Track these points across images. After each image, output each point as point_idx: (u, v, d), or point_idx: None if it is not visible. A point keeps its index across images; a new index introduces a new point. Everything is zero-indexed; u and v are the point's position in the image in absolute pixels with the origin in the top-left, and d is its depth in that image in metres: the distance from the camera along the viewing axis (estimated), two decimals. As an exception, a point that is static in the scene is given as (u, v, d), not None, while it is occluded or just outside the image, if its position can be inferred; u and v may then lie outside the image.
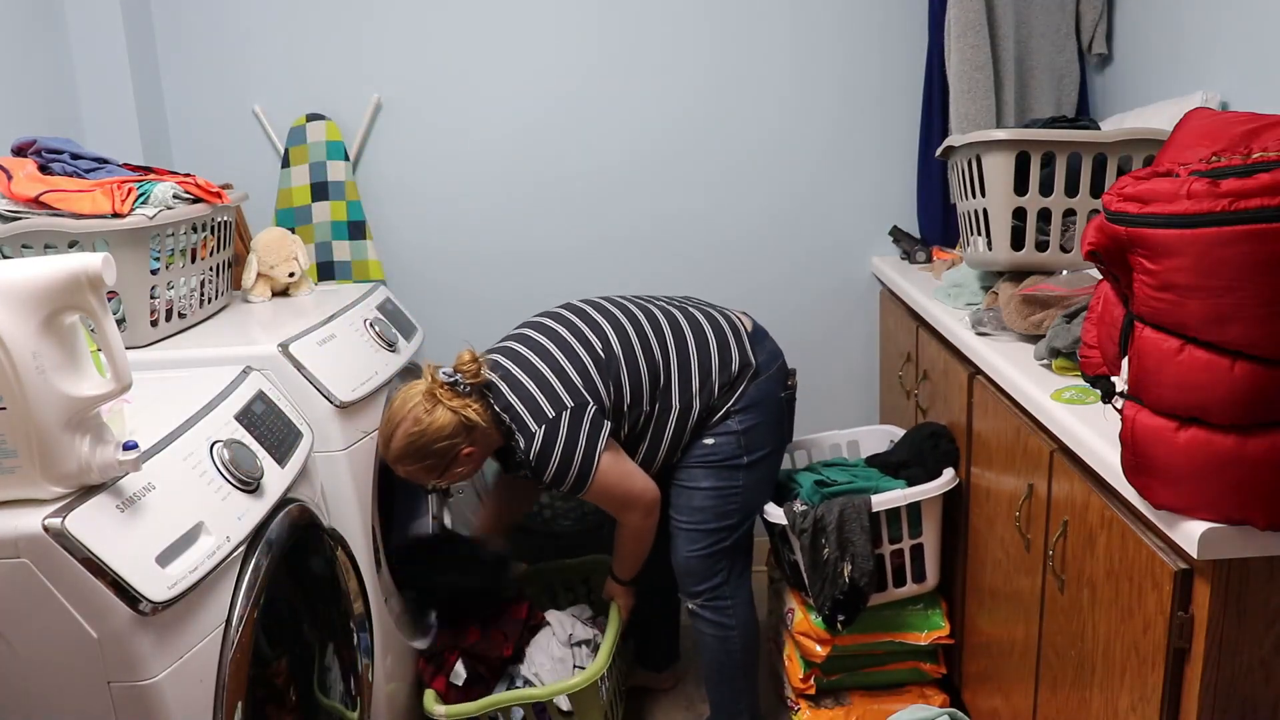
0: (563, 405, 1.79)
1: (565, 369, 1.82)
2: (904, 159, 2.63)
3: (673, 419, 1.91)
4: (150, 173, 1.92)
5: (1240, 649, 1.12)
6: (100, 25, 2.37)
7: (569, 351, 1.85)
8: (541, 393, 1.80)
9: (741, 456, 1.93)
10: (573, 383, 1.81)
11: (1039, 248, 1.82)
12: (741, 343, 1.95)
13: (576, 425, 1.79)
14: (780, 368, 2.00)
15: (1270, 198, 0.94)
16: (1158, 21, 2.17)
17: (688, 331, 1.94)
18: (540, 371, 1.82)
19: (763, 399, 1.94)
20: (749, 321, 2.03)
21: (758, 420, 1.93)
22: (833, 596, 1.92)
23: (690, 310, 2.00)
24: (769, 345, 2.01)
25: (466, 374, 1.81)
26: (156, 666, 1.18)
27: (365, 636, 1.77)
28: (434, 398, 1.80)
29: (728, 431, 1.92)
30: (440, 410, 1.79)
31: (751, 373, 1.94)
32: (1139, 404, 1.09)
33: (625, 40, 2.56)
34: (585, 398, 1.81)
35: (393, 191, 2.64)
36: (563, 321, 1.92)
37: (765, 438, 1.95)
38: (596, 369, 1.84)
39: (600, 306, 1.97)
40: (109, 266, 1.11)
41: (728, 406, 1.92)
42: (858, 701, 2.05)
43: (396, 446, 1.81)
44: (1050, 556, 1.48)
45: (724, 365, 1.92)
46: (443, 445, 1.80)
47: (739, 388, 1.93)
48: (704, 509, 1.94)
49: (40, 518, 1.10)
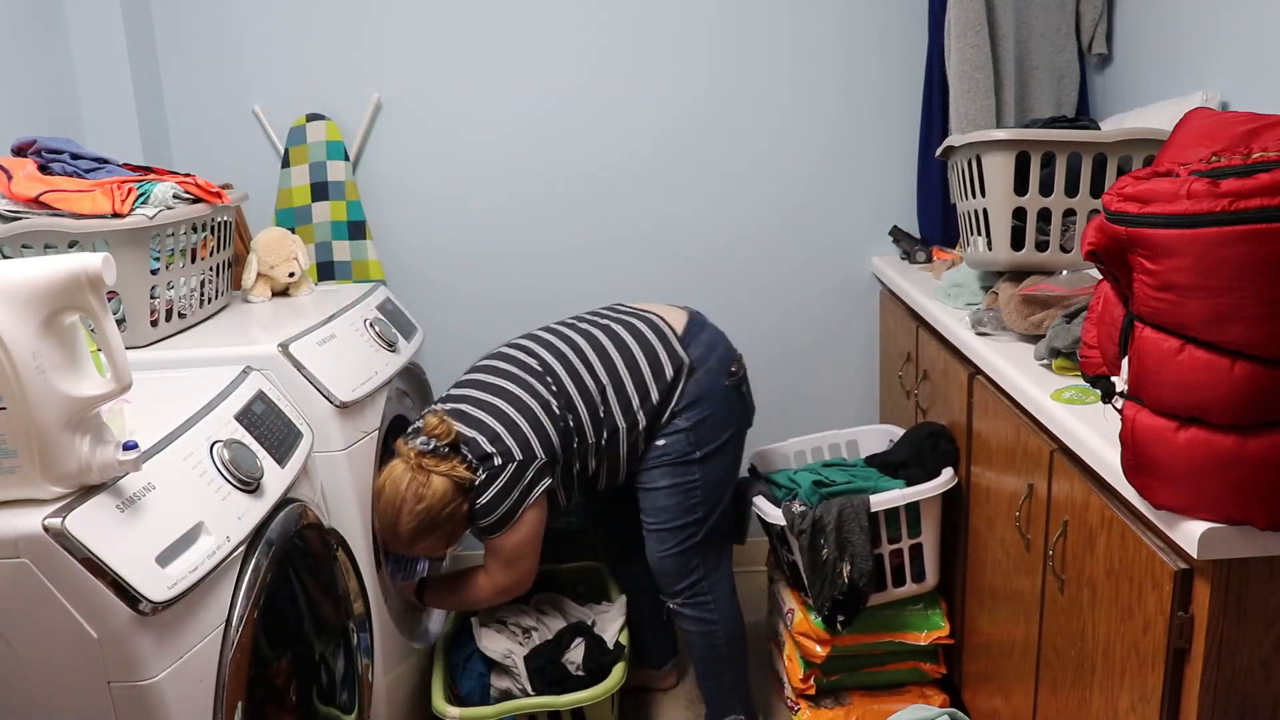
0: (511, 457, 1.81)
1: (516, 421, 1.83)
2: (904, 159, 2.63)
3: (622, 439, 1.92)
4: (150, 173, 1.92)
5: (1240, 649, 1.12)
6: (100, 25, 2.37)
7: (518, 403, 1.85)
8: (493, 445, 1.81)
9: (694, 452, 1.93)
10: (524, 436, 1.83)
11: (1039, 248, 1.82)
12: (669, 345, 1.95)
13: (518, 477, 1.81)
14: (720, 357, 1.98)
15: (1270, 198, 0.94)
16: (1158, 21, 2.17)
17: (612, 350, 1.93)
18: (490, 428, 1.83)
19: (704, 392, 1.94)
20: (681, 316, 2.02)
21: (704, 414, 1.94)
22: (832, 597, 1.92)
23: (612, 326, 1.98)
24: (705, 336, 1.99)
25: (440, 437, 1.81)
26: (156, 666, 1.18)
27: (365, 636, 1.77)
28: (423, 470, 1.80)
29: (676, 430, 1.93)
30: (435, 479, 1.79)
31: (686, 370, 1.94)
32: (1139, 404, 1.09)
33: (625, 40, 2.56)
34: (534, 452, 1.83)
35: (393, 191, 2.64)
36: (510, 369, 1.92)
37: (716, 429, 1.95)
38: (546, 414, 1.85)
39: (537, 340, 1.97)
40: (109, 266, 1.11)
41: (670, 408, 1.93)
42: (858, 701, 2.05)
43: (407, 529, 1.81)
44: (1050, 556, 1.48)
45: (657, 374, 1.92)
46: (449, 511, 1.81)
47: (676, 388, 1.93)
48: (667, 507, 1.95)
49: (40, 518, 1.10)
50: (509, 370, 1.91)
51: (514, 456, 1.81)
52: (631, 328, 1.97)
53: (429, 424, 1.81)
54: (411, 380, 2.22)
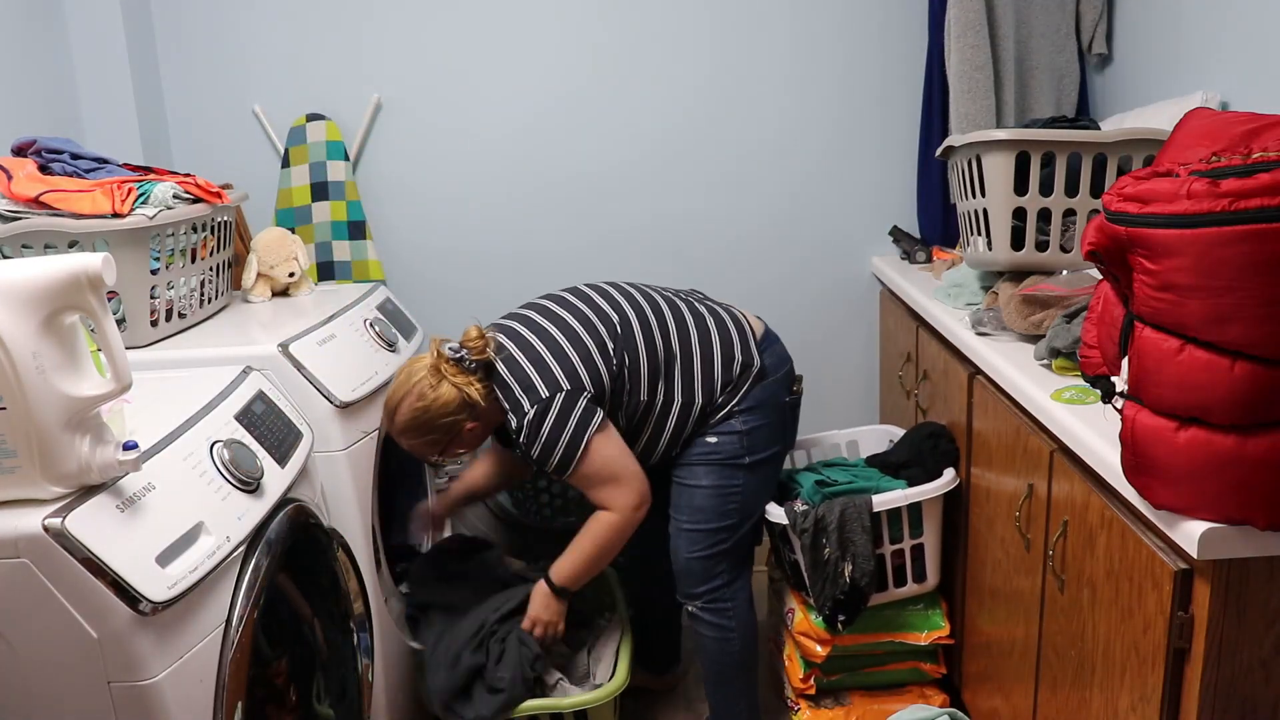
0: (558, 387, 1.79)
1: (566, 352, 1.82)
2: (904, 159, 2.63)
3: (674, 412, 1.90)
4: (150, 173, 1.92)
5: (1240, 649, 1.12)
6: (100, 25, 2.37)
7: (572, 334, 1.84)
8: (538, 374, 1.80)
9: (744, 456, 1.92)
10: (572, 366, 1.81)
11: (1039, 248, 1.82)
12: (746, 342, 1.95)
13: (569, 409, 1.78)
14: (787, 373, 2.00)
15: (1270, 198, 0.94)
16: (1158, 21, 2.17)
17: (692, 326, 1.93)
18: (539, 353, 1.82)
19: (767, 400, 1.94)
20: (760, 325, 2.03)
21: (761, 422, 1.93)
22: (833, 596, 1.92)
23: (697, 306, 1.99)
24: (778, 349, 2.01)
25: (473, 350, 1.81)
26: (156, 666, 1.18)
27: (365, 636, 1.77)
28: (439, 373, 1.80)
29: (731, 431, 1.92)
30: (445, 386, 1.79)
31: (755, 373, 1.93)
32: (1139, 404, 1.09)
33: (625, 40, 2.56)
34: (582, 383, 1.80)
35: (393, 191, 2.64)
36: (575, 302, 1.91)
37: (768, 440, 1.95)
38: (600, 353, 1.83)
39: (619, 289, 1.97)
40: (109, 266, 1.11)
41: (730, 406, 1.92)
42: (858, 701, 2.05)
43: (401, 421, 1.81)
44: (1050, 556, 1.48)
45: (727, 363, 1.92)
46: (447, 421, 1.80)
47: (742, 388, 1.92)
48: (704, 508, 1.94)
49: (40, 518, 1.10)
50: (574, 304, 1.90)
51: (561, 386, 1.79)
52: (715, 314, 1.98)
53: (467, 334, 1.83)
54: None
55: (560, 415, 1.78)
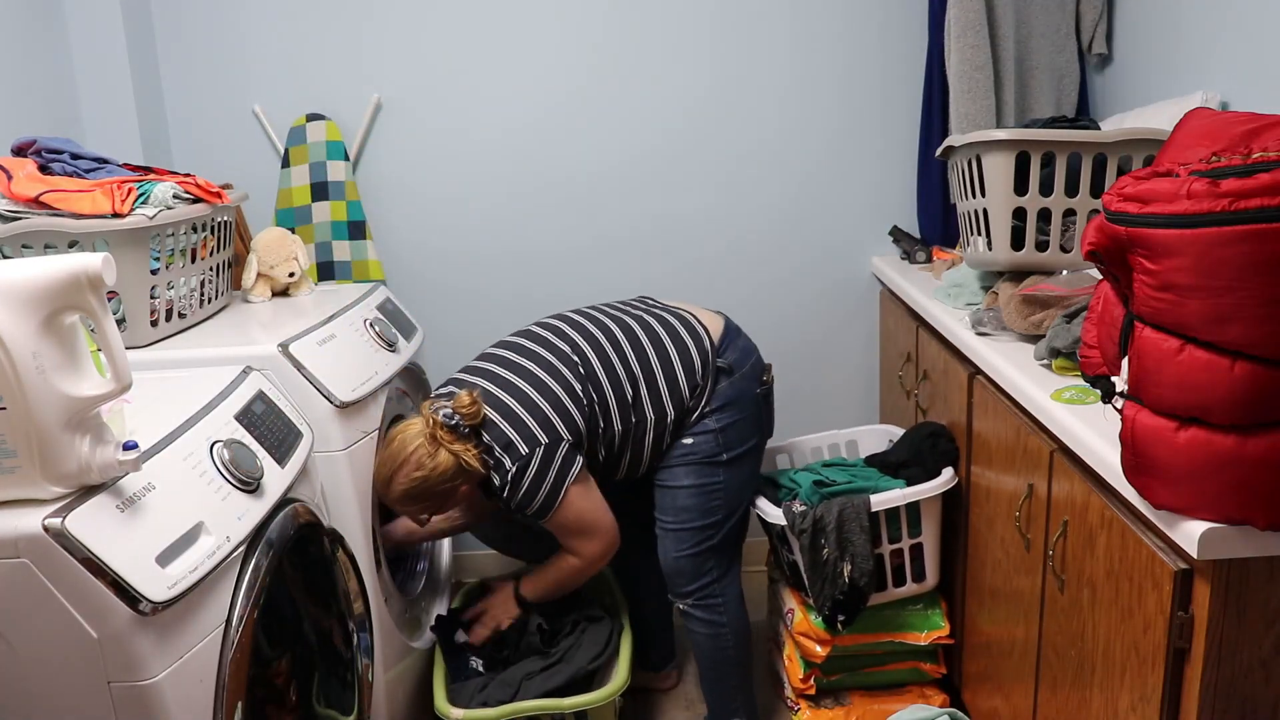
0: (536, 442, 1.80)
1: (537, 403, 1.82)
2: (904, 159, 2.63)
3: (649, 430, 1.92)
4: (150, 173, 1.92)
5: (1240, 649, 1.12)
6: (100, 25, 2.37)
7: (540, 384, 1.84)
8: (515, 431, 1.81)
9: (721, 454, 1.94)
10: (545, 417, 1.82)
11: (1039, 248, 1.82)
12: (701, 343, 1.95)
13: (549, 460, 1.80)
14: (754, 364, 2.00)
15: (1270, 198, 0.94)
16: (1158, 21, 2.17)
17: (648, 344, 1.94)
18: (511, 409, 1.82)
19: (737, 397, 1.95)
20: (718, 320, 2.03)
21: (735, 417, 1.94)
22: (833, 597, 1.92)
23: (647, 319, 1.98)
24: (741, 343, 2.01)
25: (466, 417, 1.80)
26: (156, 666, 1.18)
27: (365, 636, 1.77)
28: (435, 441, 1.79)
29: (705, 430, 1.93)
30: (442, 454, 1.79)
31: (719, 372, 1.94)
32: (1139, 404, 1.09)
33: (625, 40, 2.56)
34: (558, 433, 1.82)
35: (393, 191, 2.64)
36: (535, 349, 1.90)
37: (744, 434, 1.96)
38: (570, 397, 1.84)
39: (570, 323, 1.96)
40: (109, 266, 1.11)
41: (701, 408, 1.93)
42: (858, 701, 2.05)
43: (398, 490, 1.81)
44: (1050, 556, 1.48)
45: (688, 370, 1.93)
46: (446, 488, 1.82)
47: (708, 388, 1.93)
48: (688, 508, 1.95)
49: (40, 518, 1.10)
50: (534, 350, 1.90)
51: (539, 441, 1.80)
52: (666, 323, 1.98)
53: (460, 400, 1.80)
54: (411, 380, 2.22)
55: (540, 468, 1.80)
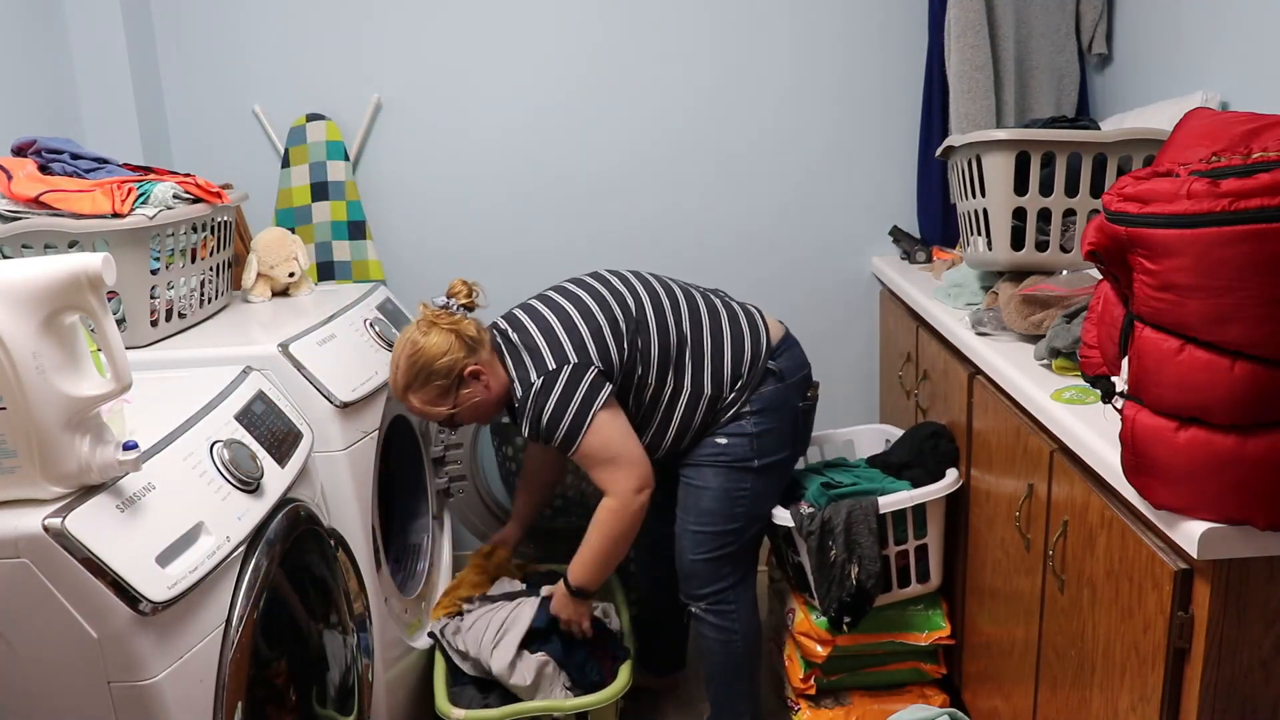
0: (565, 360, 1.79)
1: (577, 325, 1.83)
2: (904, 159, 2.63)
3: (683, 400, 1.89)
4: (150, 173, 1.92)
5: (1240, 649, 1.12)
6: (100, 25, 2.37)
7: (585, 310, 1.85)
8: (547, 344, 1.81)
9: (753, 459, 1.91)
10: (581, 340, 1.81)
11: (1039, 248, 1.82)
12: (758, 341, 1.94)
13: (575, 382, 1.78)
14: (803, 378, 1.99)
15: (1270, 198, 0.94)
16: (1158, 21, 2.17)
17: (706, 317, 1.94)
18: (550, 324, 1.84)
19: (779, 404, 1.93)
20: (780, 328, 2.02)
21: (772, 425, 1.92)
22: (839, 598, 1.92)
23: (714, 300, 1.99)
24: (796, 354, 2.00)
25: (458, 297, 1.86)
26: (156, 666, 1.18)
27: (365, 636, 1.77)
28: (428, 322, 1.83)
29: (741, 433, 1.91)
30: (434, 331, 1.81)
31: (767, 374, 1.93)
32: (1139, 404, 1.09)
33: (625, 40, 2.56)
34: (590, 357, 1.80)
35: (393, 191, 2.64)
36: (593, 283, 1.93)
37: (778, 444, 1.94)
38: (612, 330, 1.84)
39: (639, 276, 1.98)
40: (109, 266, 1.11)
41: (740, 404, 1.91)
42: (858, 701, 2.05)
43: (401, 375, 1.82)
44: (1050, 556, 1.48)
45: (737, 358, 1.91)
46: (445, 361, 1.80)
47: (753, 385, 1.91)
48: (712, 511, 1.93)
49: (40, 518, 1.10)
50: (593, 286, 1.92)
51: (568, 359, 1.80)
52: (730, 310, 1.98)
53: (452, 286, 1.88)
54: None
55: (566, 388, 1.78)
